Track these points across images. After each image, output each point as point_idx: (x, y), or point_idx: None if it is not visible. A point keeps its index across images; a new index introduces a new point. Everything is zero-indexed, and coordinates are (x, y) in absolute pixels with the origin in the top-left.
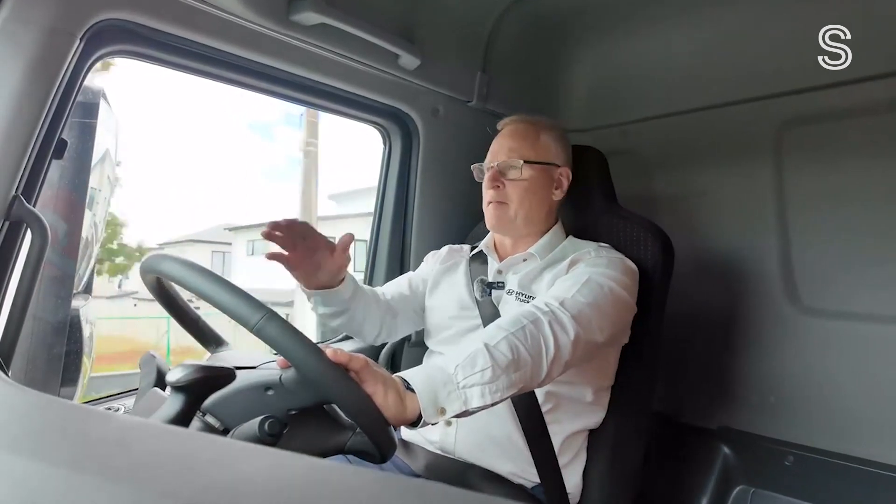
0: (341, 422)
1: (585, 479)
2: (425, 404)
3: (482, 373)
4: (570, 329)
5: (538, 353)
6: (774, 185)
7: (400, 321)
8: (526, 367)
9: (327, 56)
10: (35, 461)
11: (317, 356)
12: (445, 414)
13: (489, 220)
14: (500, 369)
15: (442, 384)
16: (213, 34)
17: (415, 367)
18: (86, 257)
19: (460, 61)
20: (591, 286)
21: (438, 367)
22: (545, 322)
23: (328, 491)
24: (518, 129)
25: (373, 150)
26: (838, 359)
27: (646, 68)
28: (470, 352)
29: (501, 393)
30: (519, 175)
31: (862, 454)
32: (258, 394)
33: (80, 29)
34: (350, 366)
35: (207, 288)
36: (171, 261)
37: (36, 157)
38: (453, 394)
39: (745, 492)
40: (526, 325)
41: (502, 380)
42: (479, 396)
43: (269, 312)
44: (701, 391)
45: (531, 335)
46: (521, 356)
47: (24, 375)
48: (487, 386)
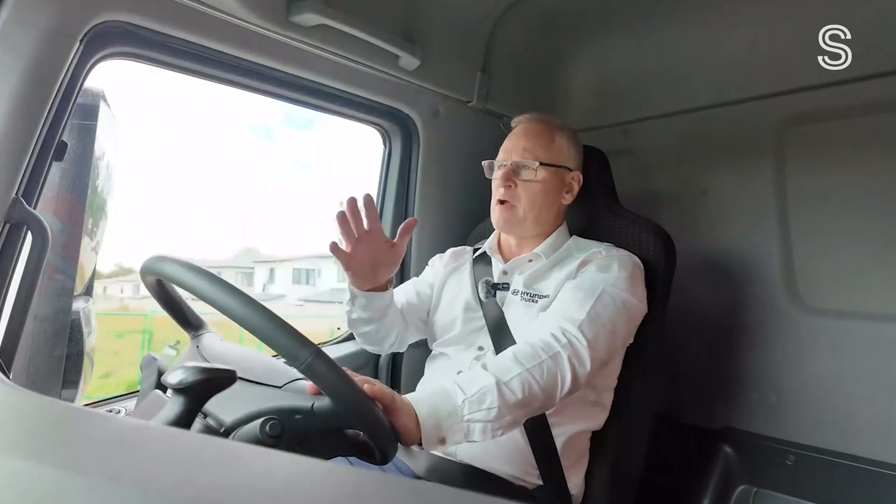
0: (347, 434)
1: (587, 480)
2: (427, 433)
3: (488, 411)
4: (587, 362)
5: (552, 387)
6: (776, 184)
7: (410, 330)
8: (535, 402)
9: (327, 57)
10: (36, 464)
11: (357, 395)
12: (445, 444)
13: (496, 220)
14: (506, 408)
15: (447, 415)
16: (212, 36)
17: (423, 392)
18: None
19: (460, 62)
20: (605, 302)
21: (446, 394)
22: (564, 357)
23: (330, 492)
24: (532, 129)
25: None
26: (840, 358)
27: (646, 67)
28: (480, 386)
29: (503, 430)
30: (533, 176)
31: (864, 453)
32: (286, 417)
33: (80, 31)
34: (382, 400)
35: (251, 319)
36: (216, 285)
37: (36, 160)
38: (456, 426)
39: (747, 491)
40: (544, 360)
41: (507, 418)
42: (481, 432)
43: (315, 350)
44: (702, 391)
45: (548, 371)
46: (532, 394)
47: (25, 377)
48: (491, 423)
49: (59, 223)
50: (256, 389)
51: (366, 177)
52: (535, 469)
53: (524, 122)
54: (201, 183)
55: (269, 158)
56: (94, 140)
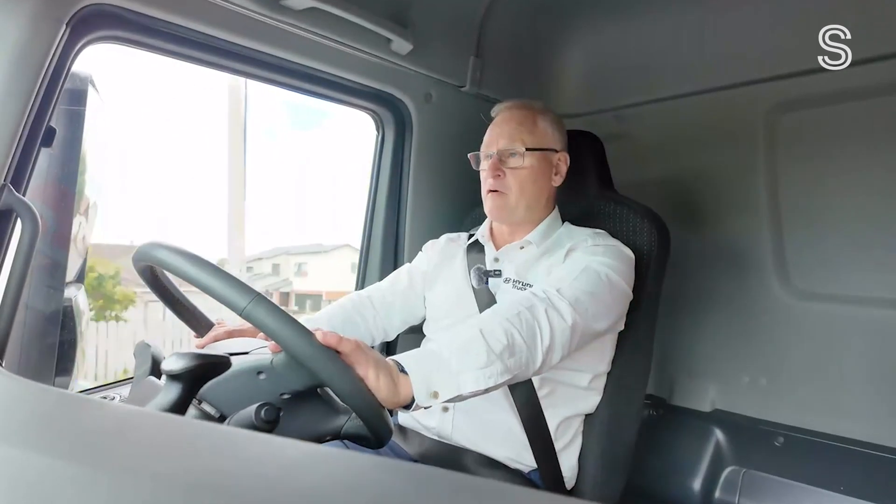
0: (336, 406)
1: (581, 463)
2: (418, 387)
3: (476, 358)
4: (568, 316)
5: (533, 339)
6: (768, 169)
7: (398, 317)
8: (521, 353)
9: (318, 41)
10: (31, 451)
11: (306, 338)
12: (438, 398)
13: (489, 210)
14: (494, 355)
15: (436, 368)
16: (202, 19)
17: (408, 351)
18: (78, 246)
19: (453, 46)
20: (589, 274)
21: (432, 351)
22: (541, 308)
23: (325, 476)
24: (514, 115)
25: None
26: (829, 341)
27: (640, 52)
28: (464, 337)
29: (495, 379)
30: (520, 163)
31: (851, 434)
32: (250, 378)
33: (66, 14)
34: (340, 348)
35: (196, 273)
36: (160, 248)
37: (24, 146)
38: (447, 379)
39: (735, 472)
40: (521, 311)
41: (496, 365)
42: (473, 382)
43: (257, 295)
44: (694, 374)
45: (526, 321)
46: (515, 342)
47: (18, 365)
48: (481, 371)
49: (50, 210)
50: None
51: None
52: (528, 452)
53: (505, 109)
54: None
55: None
56: (82, 126)
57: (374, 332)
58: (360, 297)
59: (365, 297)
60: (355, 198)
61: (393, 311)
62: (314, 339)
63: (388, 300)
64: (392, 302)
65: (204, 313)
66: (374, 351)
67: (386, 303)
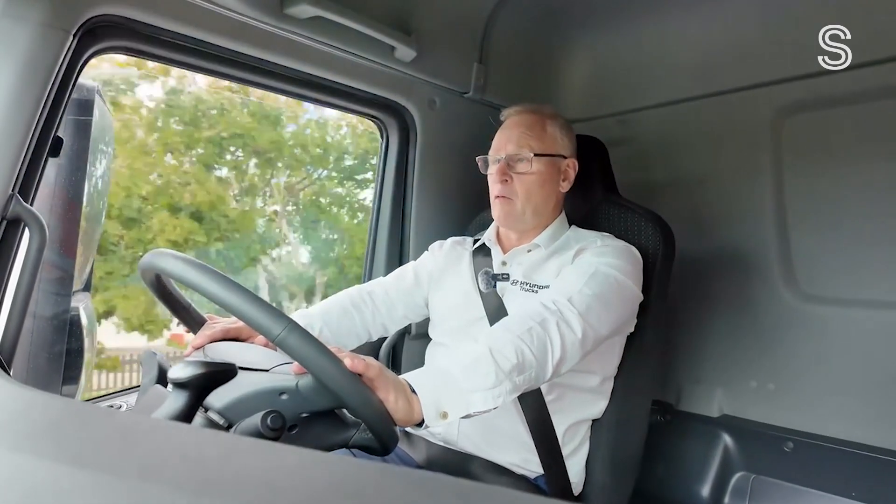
0: (346, 420)
1: (588, 468)
2: (427, 408)
3: (485, 377)
4: (578, 328)
5: (544, 354)
6: (773, 173)
7: (400, 312)
8: (531, 369)
9: (322, 49)
10: (38, 459)
11: (336, 367)
12: (447, 418)
13: (497, 216)
14: (503, 374)
15: (445, 388)
16: (207, 29)
17: (419, 370)
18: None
19: (457, 52)
20: (598, 278)
21: (442, 370)
22: (553, 322)
23: (332, 483)
24: (523, 120)
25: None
26: (837, 345)
27: (644, 57)
28: (474, 356)
29: (504, 397)
30: (528, 168)
31: (861, 439)
32: (272, 397)
33: (74, 25)
34: (367, 374)
35: (228, 297)
36: (189, 268)
37: (32, 156)
38: (456, 398)
39: (745, 478)
40: (533, 326)
41: (505, 384)
42: (482, 401)
43: (290, 323)
44: (701, 379)
45: (538, 337)
46: (525, 359)
47: (26, 374)
48: (490, 391)
49: (56, 219)
50: (244, 375)
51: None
52: (535, 457)
53: (514, 114)
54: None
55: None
56: (89, 135)
57: (370, 329)
58: (359, 292)
59: (365, 293)
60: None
61: (395, 307)
62: (344, 367)
63: (390, 296)
64: (395, 298)
65: (197, 310)
66: (391, 372)
67: (388, 298)
